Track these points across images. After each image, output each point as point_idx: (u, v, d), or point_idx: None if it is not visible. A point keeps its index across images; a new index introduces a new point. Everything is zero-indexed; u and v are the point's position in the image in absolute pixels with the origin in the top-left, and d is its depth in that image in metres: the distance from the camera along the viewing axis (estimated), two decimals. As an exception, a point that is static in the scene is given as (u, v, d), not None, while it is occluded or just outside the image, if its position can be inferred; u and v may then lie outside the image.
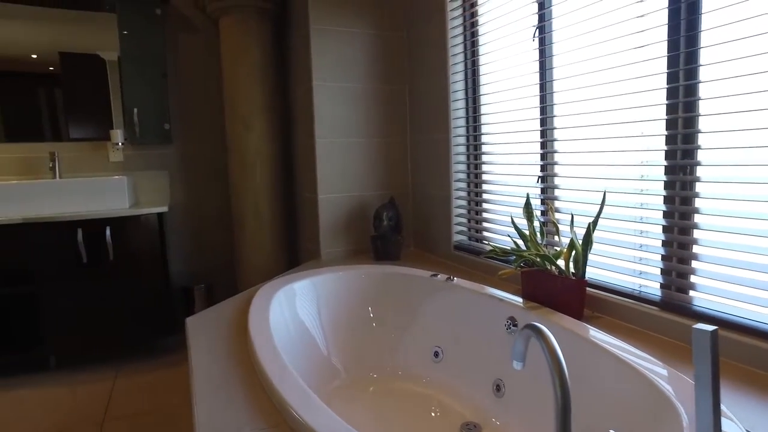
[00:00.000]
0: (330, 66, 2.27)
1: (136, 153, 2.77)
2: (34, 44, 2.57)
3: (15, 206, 2.20)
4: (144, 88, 2.61)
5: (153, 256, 2.35)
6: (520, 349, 0.86)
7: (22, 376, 2.30)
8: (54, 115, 2.66)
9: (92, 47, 2.65)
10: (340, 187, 2.32)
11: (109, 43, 2.65)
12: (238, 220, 2.60)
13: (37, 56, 2.60)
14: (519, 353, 0.87)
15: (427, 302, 1.83)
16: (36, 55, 2.60)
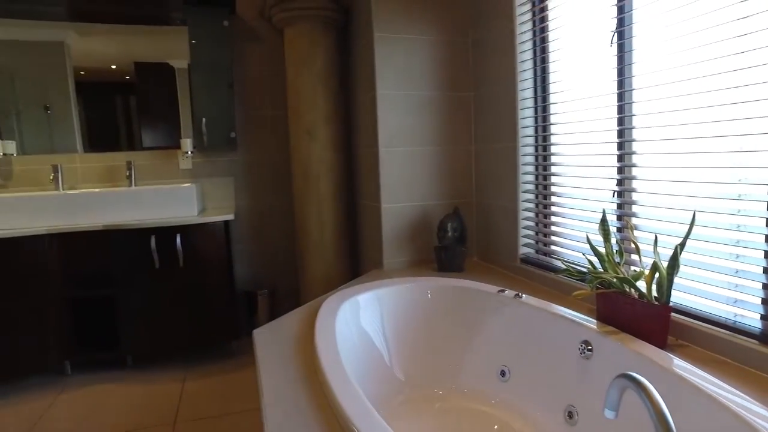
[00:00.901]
0: (394, 74, 2.25)
1: (204, 160, 2.87)
2: (113, 56, 2.73)
3: (97, 214, 2.33)
4: (212, 98, 2.69)
5: (219, 262, 2.42)
6: (614, 399, 0.81)
7: (104, 372, 2.43)
8: (129, 125, 2.81)
9: (163, 56, 2.79)
10: (404, 197, 2.30)
11: (178, 51, 2.77)
12: (301, 228, 2.64)
13: (115, 66, 2.75)
14: (613, 403, 0.81)
15: (493, 318, 1.77)
16: (115, 65, 2.75)
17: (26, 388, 2.33)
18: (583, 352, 1.42)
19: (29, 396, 2.25)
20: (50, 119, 2.71)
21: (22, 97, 2.67)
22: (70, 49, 2.68)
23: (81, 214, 2.32)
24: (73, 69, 2.69)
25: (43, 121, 2.70)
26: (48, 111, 2.71)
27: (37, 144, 2.69)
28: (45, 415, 2.08)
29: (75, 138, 2.73)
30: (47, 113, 2.70)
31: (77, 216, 2.31)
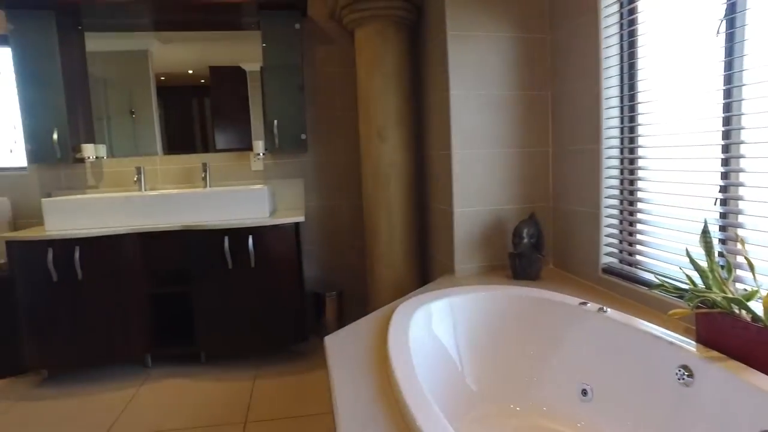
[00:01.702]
0: (467, 73, 2.17)
1: (275, 162, 2.92)
2: (190, 61, 2.84)
3: (175, 214, 2.42)
4: (283, 100, 2.73)
5: (289, 264, 2.44)
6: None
7: (180, 366, 2.53)
8: (204, 127, 2.90)
9: (236, 60, 2.87)
10: (477, 201, 2.22)
11: (250, 55, 2.85)
12: (371, 230, 2.62)
13: (192, 71, 2.86)
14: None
15: (574, 333, 1.66)
16: (192, 70, 2.85)
17: (113, 377, 2.46)
18: (682, 377, 1.29)
19: (115, 385, 2.38)
20: (135, 123, 2.86)
21: (112, 103, 2.84)
22: (153, 57, 2.82)
23: (161, 214, 2.42)
24: (155, 75, 2.82)
25: (128, 125, 2.86)
26: (133, 115, 2.86)
27: (124, 147, 2.85)
28: (128, 406, 2.18)
29: (156, 141, 2.87)
30: (132, 117, 2.86)
31: (157, 216, 2.42)
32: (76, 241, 2.29)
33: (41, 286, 2.31)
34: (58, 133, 2.59)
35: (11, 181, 2.81)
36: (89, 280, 2.33)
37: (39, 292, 2.32)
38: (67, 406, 2.21)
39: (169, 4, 2.62)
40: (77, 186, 2.83)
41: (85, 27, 2.76)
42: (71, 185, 2.82)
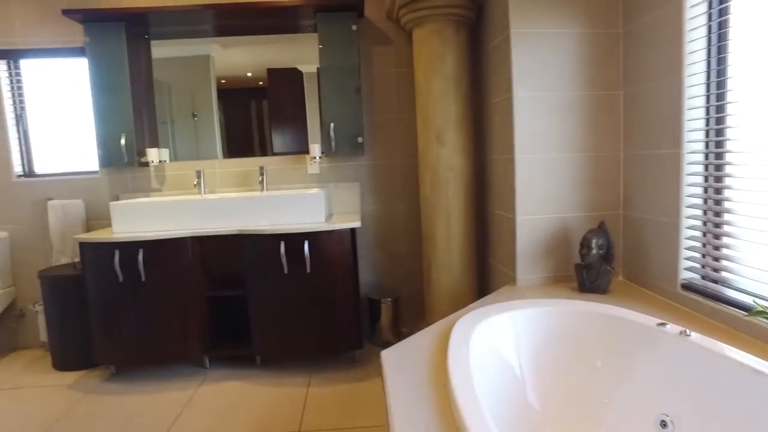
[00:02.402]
0: (532, 73, 2.05)
1: (331, 165, 2.90)
2: (249, 64, 2.87)
3: (233, 218, 2.45)
4: (340, 103, 2.70)
5: (345, 269, 2.41)
6: None
7: (236, 369, 2.56)
8: (262, 131, 2.93)
9: (292, 62, 2.88)
10: (541, 208, 2.09)
11: (306, 57, 2.85)
12: (428, 236, 2.54)
13: (251, 74, 2.89)
14: None
15: (651, 357, 1.52)
16: (250, 73, 2.89)
17: (173, 376, 2.53)
18: (785, 418, 1.13)
19: (175, 384, 2.44)
20: (196, 126, 2.93)
21: (176, 106, 2.93)
22: (214, 61, 2.87)
23: (219, 218, 2.45)
24: (216, 78, 2.87)
25: (190, 128, 2.93)
26: (195, 118, 2.93)
27: (186, 150, 2.93)
28: (186, 406, 2.23)
29: (216, 145, 2.92)
30: (194, 120, 2.93)
31: (216, 220, 2.45)
32: (140, 244, 2.36)
33: (108, 286, 2.40)
34: (126, 139, 2.69)
35: (85, 185, 2.95)
36: (151, 281, 2.39)
37: (106, 292, 2.41)
38: (131, 403, 2.29)
39: (230, 11, 2.66)
40: (142, 189, 2.93)
41: (152, 36, 2.85)
42: (137, 188, 2.93)
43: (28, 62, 2.94)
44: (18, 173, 2.97)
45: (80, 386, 2.50)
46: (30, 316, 3.03)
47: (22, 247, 3.00)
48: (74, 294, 2.53)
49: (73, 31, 2.79)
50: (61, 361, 2.69)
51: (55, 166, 3.04)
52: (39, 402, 2.36)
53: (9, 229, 2.98)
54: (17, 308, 3.03)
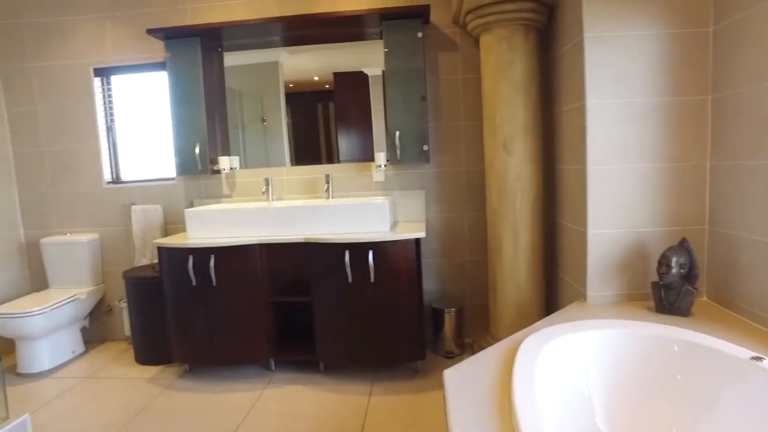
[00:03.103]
0: (607, 79, 1.93)
1: (396, 173, 2.90)
2: (316, 68, 2.94)
3: (299, 226, 2.51)
4: (405, 110, 2.69)
5: (409, 279, 2.40)
6: None
7: (300, 373, 2.63)
8: (329, 135, 2.98)
9: (358, 65, 2.91)
10: (615, 222, 1.97)
11: (372, 59, 2.88)
12: (494, 246, 2.48)
13: (318, 78, 2.95)
14: None
15: (738, 393, 1.38)
16: (317, 77, 2.95)
17: (241, 377, 2.63)
18: None
19: (243, 385, 2.54)
20: (265, 130, 3.03)
21: (246, 112, 3.05)
22: (282, 67, 2.96)
23: (285, 226, 2.52)
24: (284, 83, 2.96)
25: (260, 133, 3.04)
26: (264, 122, 3.03)
27: (255, 157, 3.03)
28: (253, 408, 2.30)
29: (284, 152, 3.01)
30: (263, 124, 3.03)
31: (282, 227, 2.52)
32: (212, 250, 2.47)
33: (183, 289, 2.53)
34: (200, 148, 2.83)
35: (163, 190, 3.13)
36: (222, 285, 2.50)
37: (181, 294, 2.55)
38: (203, 401, 2.40)
39: (298, 22, 2.72)
40: (214, 195, 3.07)
41: (225, 48, 2.97)
42: (210, 194, 3.07)
43: (118, 78, 3.16)
44: (107, 180, 3.21)
45: (158, 381, 2.66)
46: (116, 311, 3.26)
47: (110, 248, 3.23)
48: (153, 295, 2.69)
49: (155, 47, 2.97)
50: (142, 355, 2.87)
51: (137, 174, 3.25)
52: (122, 393, 2.54)
53: (99, 231, 3.22)
54: (106, 304, 3.27)
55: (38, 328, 2.77)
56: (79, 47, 3.09)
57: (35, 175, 3.24)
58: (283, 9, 2.88)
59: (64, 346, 2.99)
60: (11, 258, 3.22)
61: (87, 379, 2.75)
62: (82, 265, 3.11)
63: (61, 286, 3.15)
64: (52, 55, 3.13)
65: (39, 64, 3.14)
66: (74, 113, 3.15)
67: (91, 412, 2.37)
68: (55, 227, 3.26)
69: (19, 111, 3.20)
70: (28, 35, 3.13)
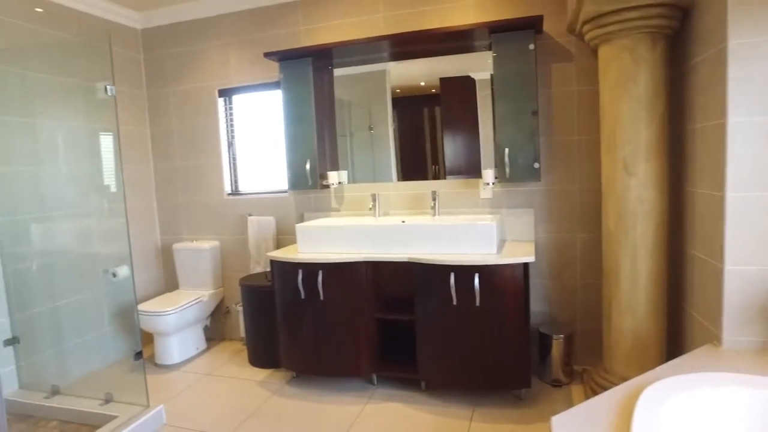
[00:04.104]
0: (754, 93, 1.69)
1: (504, 190, 2.80)
2: (422, 74, 2.96)
3: (404, 244, 2.52)
4: (515, 126, 2.58)
5: (516, 305, 2.30)
6: None
7: (402, 390, 2.64)
8: (435, 142, 2.98)
9: (465, 70, 2.86)
10: (761, 257, 1.72)
11: (479, 64, 2.82)
12: (610, 271, 2.29)
13: (424, 83, 2.95)
14: None
15: None
16: (423, 82, 2.96)
17: (344, 389, 2.70)
18: None
19: (346, 398, 2.61)
20: (372, 138, 3.09)
21: (354, 120, 3.14)
22: (389, 74, 3.00)
23: (391, 244, 2.55)
24: (391, 89, 3.01)
25: (367, 141, 3.12)
26: (371, 130, 3.09)
27: (363, 171, 3.11)
28: (355, 422, 2.36)
29: (391, 166, 3.04)
30: (371, 132, 3.09)
31: (388, 246, 2.55)
32: (320, 266, 2.56)
33: (292, 300, 2.66)
34: (310, 164, 2.96)
35: (276, 203, 3.32)
36: (328, 300, 2.59)
37: (290, 305, 2.68)
38: (309, 410, 2.51)
39: (406, 39, 2.73)
40: (324, 208, 3.19)
41: (335, 65, 3.08)
42: (319, 207, 3.20)
43: (238, 97, 3.42)
44: (227, 192, 3.48)
45: (268, 384, 2.82)
46: (233, 313, 3.53)
47: (228, 255, 3.51)
48: (266, 302, 2.86)
49: (271, 68, 3.16)
50: (255, 358, 3.07)
51: (253, 186, 3.49)
52: (236, 393, 2.74)
53: (220, 239, 3.51)
54: (225, 306, 3.56)
55: (170, 325, 3.08)
56: (207, 71, 3.39)
57: (169, 187, 3.61)
58: (390, 26, 2.91)
59: (190, 342, 3.30)
60: (150, 260, 3.62)
61: (207, 375, 3.00)
62: (205, 269, 3.41)
63: (188, 287, 3.48)
64: (185, 79, 3.46)
65: (175, 88, 3.49)
66: (201, 131, 3.46)
67: (210, 408, 2.59)
68: (184, 234, 3.61)
69: (159, 131, 3.59)
70: (168, 63, 3.49)
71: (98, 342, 2.93)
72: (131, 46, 3.49)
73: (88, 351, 2.89)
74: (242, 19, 3.26)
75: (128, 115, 3.46)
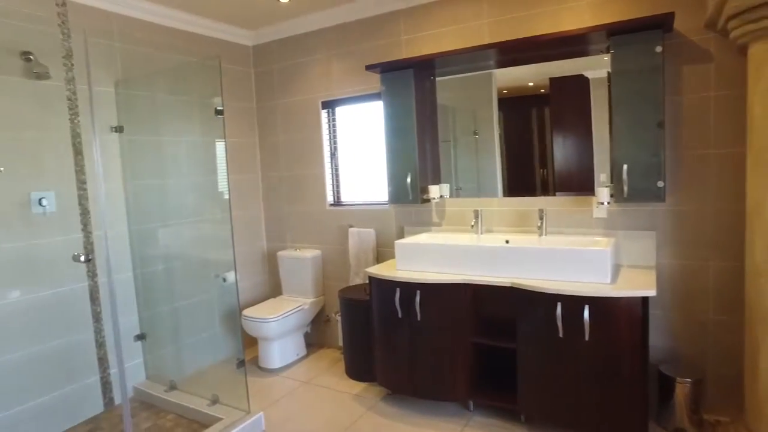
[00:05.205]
0: None
1: (621, 209, 2.51)
2: (530, 75, 2.76)
3: (507, 268, 2.36)
4: (635, 140, 2.29)
5: (632, 342, 2.05)
6: None
7: (499, 419, 2.49)
8: (543, 149, 2.77)
9: (577, 69, 2.62)
10: None
11: (593, 62, 2.56)
12: (757, 310, 1.95)
13: (532, 83, 2.75)
14: None
15: None
16: (532, 82, 2.76)
17: (438, 412, 2.61)
18: None
19: (440, 423, 2.51)
20: (477, 144, 2.96)
21: (459, 125, 3.03)
22: (495, 77, 2.84)
23: (492, 267, 2.39)
24: (497, 90, 2.85)
25: (471, 146, 2.99)
26: (476, 135, 2.96)
27: (467, 183, 2.99)
28: (450, 452, 2.26)
29: (497, 177, 2.88)
30: (475, 137, 2.96)
31: (489, 268, 2.40)
32: (418, 285, 2.49)
33: (389, 318, 2.62)
34: (411, 178, 2.89)
35: (376, 215, 3.31)
36: (425, 320, 2.50)
37: (387, 322, 2.64)
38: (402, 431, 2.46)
39: (514, 47, 2.57)
40: (424, 222, 3.11)
41: (437, 75, 2.98)
42: (419, 221, 3.13)
43: (341, 109, 3.46)
44: (330, 202, 3.54)
45: (363, 399, 2.81)
46: (333, 322, 3.58)
47: (329, 264, 3.57)
48: (363, 316, 2.84)
49: (372, 79, 3.15)
50: (351, 369, 3.08)
51: (354, 197, 3.51)
52: (332, 406, 2.77)
53: (321, 248, 3.58)
54: (325, 314, 3.63)
55: (273, 331, 3.20)
56: (311, 83, 3.47)
57: (275, 196, 3.77)
58: (494, 33, 2.75)
59: (290, 348, 3.41)
60: (257, 265, 3.80)
61: (305, 383, 3.07)
62: (307, 278, 3.49)
63: (291, 294, 3.59)
64: (291, 92, 3.57)
65: (282, 101, 3.63)
66: (305, 142, 3.56)
67: (307, 419, 2.63)
68: (288, 242, 3.74)
69: (267, 142, 3.76)
70: (276, 77, 3.64)
71: (209, 342, 3.13)
72: (243, 62, 3.68)
73: (200, 350, 3.09)
74: (344, 31, 3.28)
75: (239, 128, 3.65)
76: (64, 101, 2.58)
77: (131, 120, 2.91)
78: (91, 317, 2.72)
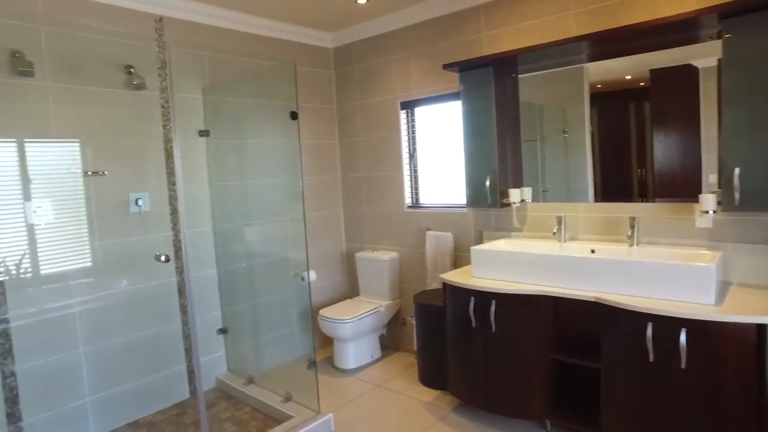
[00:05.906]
0: None
1: (730, 218, 2.20)
2: (627, 67, 2.49)
3: (591, 281, 2.15)
4: (751, 140, 1.97)
5: (741, 377, 1.76)
6: None
7: (579, 445, 2.29)
8: (642, 155, 2.49)
9: (683, 59, 2.32)
10: None
11: (701, 49, 2.25)
12: None
13: (630, 76, 2.49)
14: None
15: None
16: (629, 75, 2.50)
17: (512, 430, 2.45)
18: None
19: (514, 442, 2.37)
20: (567, 143, 2.75)
21: (546, 123, 2.83)
22: (587, 70, 2.61)
23: (575, 278, 2.20)
24: (589, 85, 2.61)
25: (560, 146, 2.78)
26: (565, 134, 2.75)
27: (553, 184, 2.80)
28: (523, 476, 2.11)
29: (587, 180, 2.65)
30: (564, 136, 2.75)
31: (571, 280, 2.21)
32: (493, 295, 2.35)
33: (463, 327, 2.51)
34: (490, 181, 2.75)
35: (455, 218, 3.20)
36: (501, 332, 2.36)
37: (460, 331, 2.53)
38: (472, 449, 2.34)
39: (609, 38, 2.32)
40: (504, 227, 2.95)
41: (519, 72, 2.80)
42: (499, 226, 2.97)
43: (419, 109, 3.39)
44: (408, 204, 3.48)
45: (435, 408, 2.73)
46: (408, 326, 3.53)
47: (406, 267, 3.52)
48: (438, 322, 2.75)
49: (451, 78, 3.04)
50: (424, 376, 3.00)
51: (433, 199, 3.42)
52: (403, 412, 2.71)
53: (398, 250, 3.54)
54: (401, 317, 3.58)
55: (348, 332, 3.21)
56: (390, 84, 3.43)
57: (354, 196, 3.78)
58: (582, 25, 2.53)
59: (365, 350, 3.40)
60: (335, 265, 3.85)
61: (378, 387, 3.05)
62: (384, 280, 3.47)
63: (368, 295, 3.59)
64: (370, 93, 3.56)
65: (361, 102, 3.63)
66: (384, 143, 3.53)
67: (376, 425, 2.60)
68: (366, 243, 3.74)
69: (347, 142, 3.79)
70: (356, 79, 3.65)
71: (285, 339, 3.21)
72: (324, 64, 3.73)
73: (277, 347, 3.19)
74: (423, 29, 3.20)
75: (320, 129, 3.71)
76: (159, 109, 2.77)
77: (216, 124, 3.06)
78: (179, 310, 2.90)
